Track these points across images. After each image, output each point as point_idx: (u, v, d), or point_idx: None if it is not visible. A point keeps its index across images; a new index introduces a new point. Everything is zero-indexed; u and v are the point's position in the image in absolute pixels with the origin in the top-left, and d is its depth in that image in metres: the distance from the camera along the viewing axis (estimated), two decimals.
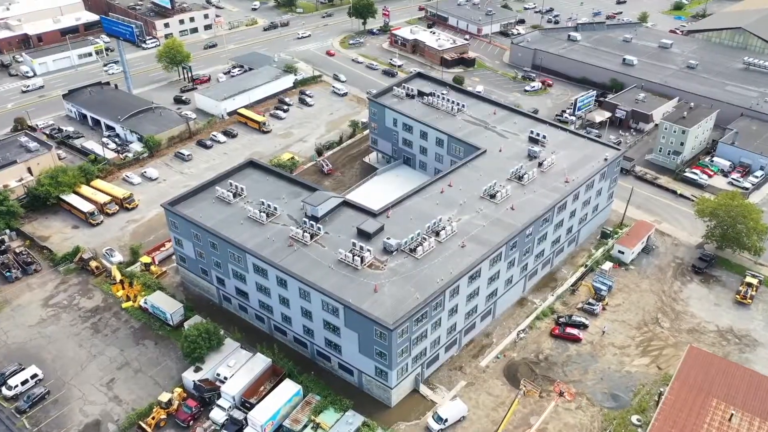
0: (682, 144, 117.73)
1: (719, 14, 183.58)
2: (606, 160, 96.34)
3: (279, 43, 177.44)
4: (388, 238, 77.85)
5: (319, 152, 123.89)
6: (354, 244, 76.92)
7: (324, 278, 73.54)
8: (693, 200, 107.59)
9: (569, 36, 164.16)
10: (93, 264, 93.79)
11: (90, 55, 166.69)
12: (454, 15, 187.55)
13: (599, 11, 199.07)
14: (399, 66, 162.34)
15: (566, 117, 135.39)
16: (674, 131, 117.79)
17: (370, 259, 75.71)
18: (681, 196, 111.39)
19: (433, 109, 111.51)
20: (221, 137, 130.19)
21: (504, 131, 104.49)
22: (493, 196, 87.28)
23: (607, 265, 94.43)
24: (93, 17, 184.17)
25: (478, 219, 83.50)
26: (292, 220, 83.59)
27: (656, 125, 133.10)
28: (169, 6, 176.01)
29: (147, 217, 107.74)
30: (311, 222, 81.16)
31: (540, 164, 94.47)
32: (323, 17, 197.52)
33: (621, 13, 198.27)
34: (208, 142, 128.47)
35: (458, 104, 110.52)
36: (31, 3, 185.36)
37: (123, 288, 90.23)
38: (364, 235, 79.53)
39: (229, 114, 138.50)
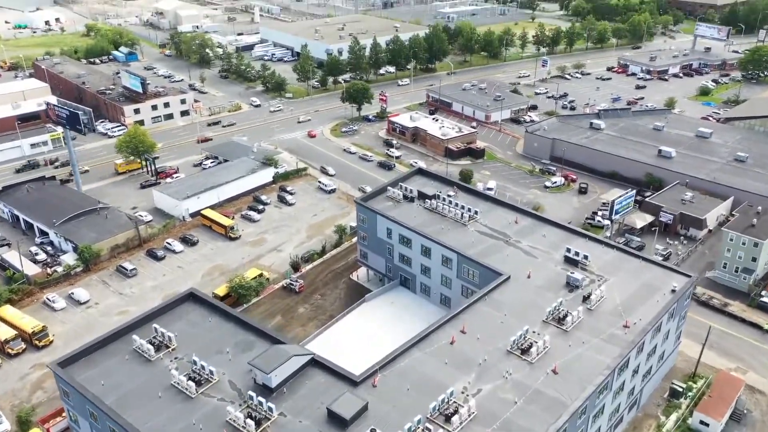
0: (754, 259, 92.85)
1: (757, 100, 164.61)
2: (674, 291, 71.08)
3: (264, 131, 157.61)
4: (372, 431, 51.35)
5: (296, 267, 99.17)
6: None
7: None
8: None
9: (591, 124, 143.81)
10: None
11: (45, 143, 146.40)
12: (459, 100, 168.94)
13: (618, 96, 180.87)
14: (397, 157, 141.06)
15: (599, 221, 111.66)
16: (743, 243, 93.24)
17: None
18: None
19: (438, 216, 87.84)
20: (177, 245, 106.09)
21: (531, 248, 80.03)
22: (525, 351, 61.38)
23: None
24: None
25: (507, 391, 57.16)
26: (234, 391, 57.35)
27: (710, 231, 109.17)
28: (140, 90, 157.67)
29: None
30: (260, 398, 54.89)
31: (585, 299, 69.22)
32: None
33: (642, 98, 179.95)
34: (160, 252, 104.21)
35: (470, 210, 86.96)
36: None
37: None
38: (337, 422, 53.02)
39: (192, 215, 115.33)
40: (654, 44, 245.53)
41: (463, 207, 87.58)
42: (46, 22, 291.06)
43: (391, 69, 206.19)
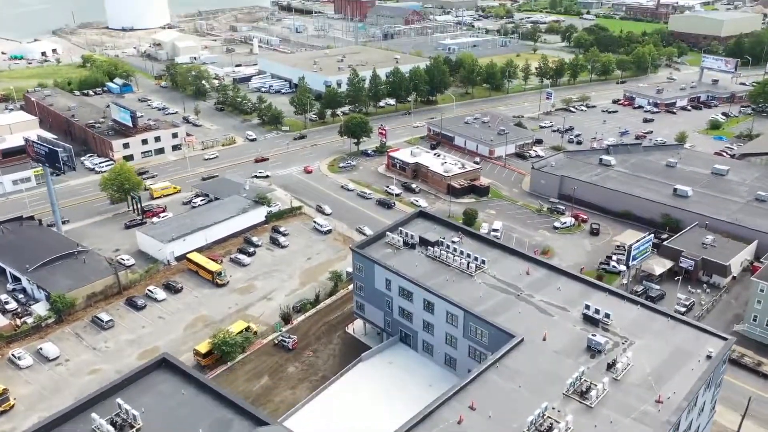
0: None
1: None
2: (710, 357, 62.96)
3: (259, 165, 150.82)
4: None
5: (286, 319, 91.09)
6: None
7: None
8: None
9: (601, 160, 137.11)
10: None
11: (28, 179, 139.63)
12: (462, 134, 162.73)
13: (626, 130, 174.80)
14: (397, 195, 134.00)
15: (614, 266, 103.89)
16: None
17: None
18: None
19: (441, 265, 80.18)
20: (160, 293, 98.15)
21: (546, 304, 72.10)
22: None
23: None
24: (48, 136, 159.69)
25: None
26: None
27: (734, 278, 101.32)
28: (130, 124, 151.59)
29: (21, 429, 72.68)
30: None
31: (610, 366, 61.09)
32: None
33: (651, 132, 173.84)
34: (141, 301, 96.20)
35: (476, 259, 79.35)
36: None
37: None
38: None
39: (178, 259, 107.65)
40: (659, 76, 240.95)
41: (469, 255, 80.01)
42: (43, 54, 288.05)
43: (391, 101, 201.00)
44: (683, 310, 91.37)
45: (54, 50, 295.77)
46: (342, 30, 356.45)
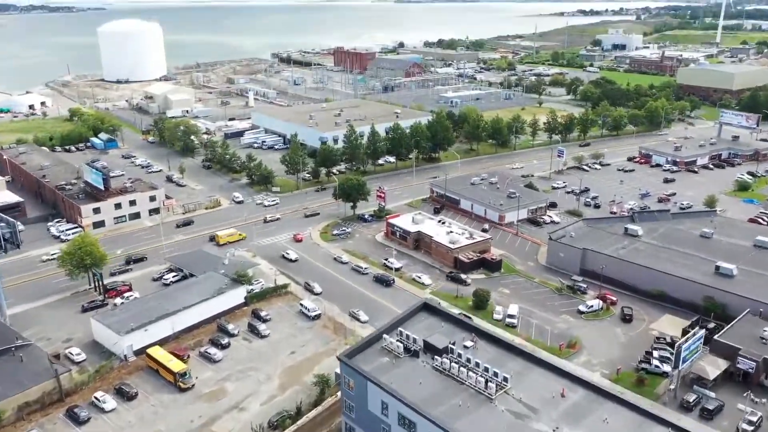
0: None
1: None
2: None
3: (244, 232, 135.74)
4: None
5: None
6: None
7: None
8: None
9: (627, 229, 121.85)
10: None
11: None
12: (468, 197, 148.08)
13: (647, 192, 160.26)
14: (397, 269, 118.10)
15: (656, 366, 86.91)
16: None
17: None
18: None
19: (452, 382, 63.66)
20: (109, 401, 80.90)
21: None
22: None
23: None
24: (13, 198, 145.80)
25: None
26: None
27: None
28: (101, 187, 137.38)
29: None
30: None
31: None
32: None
33: (674, 194, 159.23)
34: (84, 413, 78.84)
35: (496, 375, 62.85)
36: None
37: None
38: None
39: (138, 353, 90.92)
40: (673, 131, 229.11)
41: (486, 369, 63.51)
42: (30, 106, 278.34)
43: (391, 159, 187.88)
44: (750, 429, 74.09)
45: (42, 103, 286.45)
46: (341, 82, 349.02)
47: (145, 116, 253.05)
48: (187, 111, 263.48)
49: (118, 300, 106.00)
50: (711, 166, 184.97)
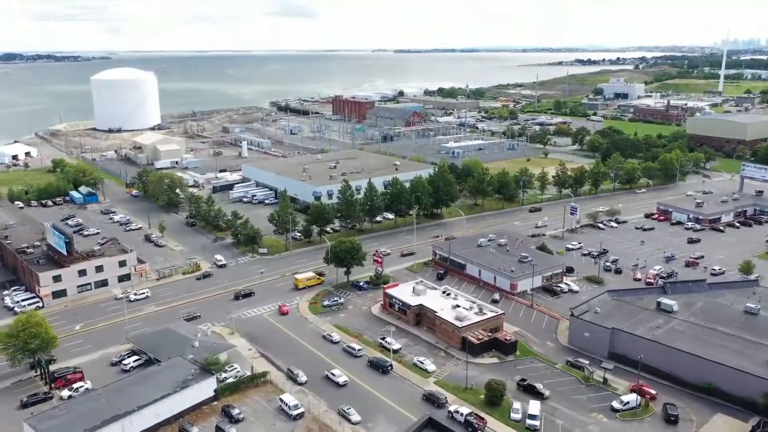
0: None
1: None
2: None
3: (222, 303, 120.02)
4: None
5: None
6: None
7: None
8: None
9: (659, 304, 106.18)
10: None
11: None
12: (475, 262, 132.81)
13: (672, 254, 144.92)
14: (396, 351, 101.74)
15: None
16: None
17: None
18: None
19: None
20: None
21: None
22: None
23: None
24: None
25: None
26: None
27: None
28: (63, 251, 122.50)
29: None
30: None
31: None
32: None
33: (702, 257, 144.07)
34: None
35: None
36: None
37: None
38: None
39: None
40: (688, 184, 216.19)
41: None
42: (14, 157, 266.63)
43: (390, 215, 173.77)
44: None
45: (27, 153, 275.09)
46: (339, 131, 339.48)
47: (132, 167, 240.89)
48: (176, 162, 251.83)
49: (65, 392, 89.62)
50: (737, 224, 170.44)
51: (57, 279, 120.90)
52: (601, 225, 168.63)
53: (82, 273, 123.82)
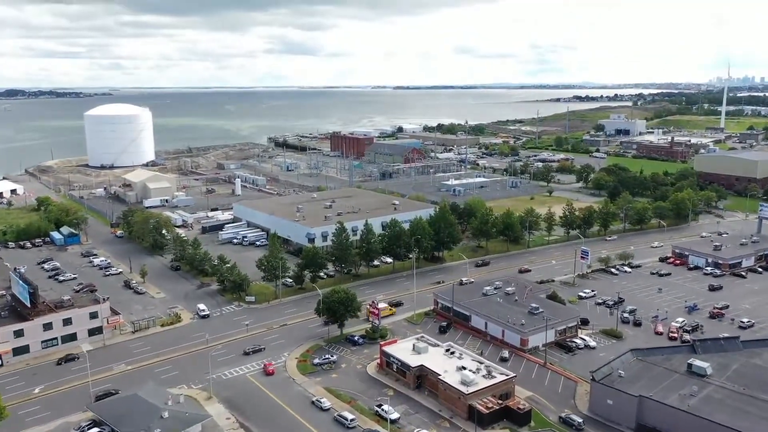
0: None
1: None
2: None
3: (200, 362, 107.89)
4: None
5: None
6: None
7: None
8: None
9: (690, 366, 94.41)
10: None
11: None
12: (481, 314, 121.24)
13: (694, 305, 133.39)
14: (394, 421, 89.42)
15: None
16: None
17: None
18: None
19: None
20: None
21: None
22: None
23: None
24: None
25: None
26: None
27: None
28: (27, 303, 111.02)
29: None
30: None
31: None
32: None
33: (727, 306, 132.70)
34: None
35: None
36: None
37: None
38: None
39: None
40: (702, 225, 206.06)
41: None
42: None
43: (388, 259, 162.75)
44: None
45: (13, 191, 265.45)
46: (336, 168, 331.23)
47: (121, 205, 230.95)
48: (166, 200, 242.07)
49: None
50: (759, 269, 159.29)
51: (19, 334, 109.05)
52: (613, 270, 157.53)
53: (48, 327, 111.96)
